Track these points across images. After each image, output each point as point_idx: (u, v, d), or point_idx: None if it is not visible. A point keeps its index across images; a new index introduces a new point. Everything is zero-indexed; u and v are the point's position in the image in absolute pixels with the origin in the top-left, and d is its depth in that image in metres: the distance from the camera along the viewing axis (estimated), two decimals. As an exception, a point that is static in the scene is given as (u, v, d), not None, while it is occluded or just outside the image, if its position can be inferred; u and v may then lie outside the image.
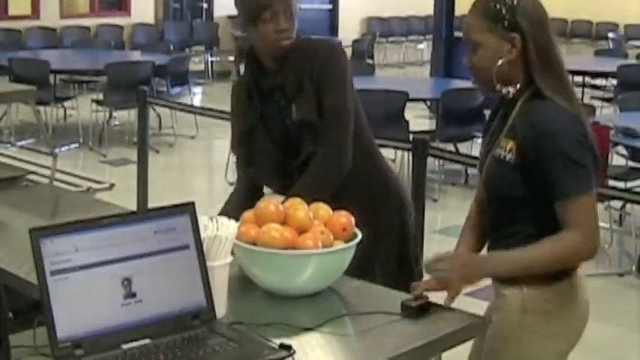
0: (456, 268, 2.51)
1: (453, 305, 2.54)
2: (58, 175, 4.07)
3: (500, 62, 2.48)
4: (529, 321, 2.55)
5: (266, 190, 3.36)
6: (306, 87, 3.10)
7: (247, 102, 3.25)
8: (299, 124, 3.11)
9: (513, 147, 2.48)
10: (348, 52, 13.96)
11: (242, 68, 3.29)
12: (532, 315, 2.55)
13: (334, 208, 2.66)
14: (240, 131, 3.29)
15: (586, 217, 2.45)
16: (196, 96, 13.32)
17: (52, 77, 9.97)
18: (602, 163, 2.52)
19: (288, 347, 2.16)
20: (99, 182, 3.94)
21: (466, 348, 2.61)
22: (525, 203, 2.52)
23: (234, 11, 3.29)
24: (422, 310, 2.44)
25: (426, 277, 2.69)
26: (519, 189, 2.50)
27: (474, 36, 2.52)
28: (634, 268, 6.32)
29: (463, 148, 8.57)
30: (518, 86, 2.52)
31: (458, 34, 13.41)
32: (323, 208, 2.68)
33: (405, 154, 8.01)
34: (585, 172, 2.44)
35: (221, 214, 2.57)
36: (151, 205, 5.95)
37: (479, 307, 2.71)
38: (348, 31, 17.06)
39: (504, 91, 2.52)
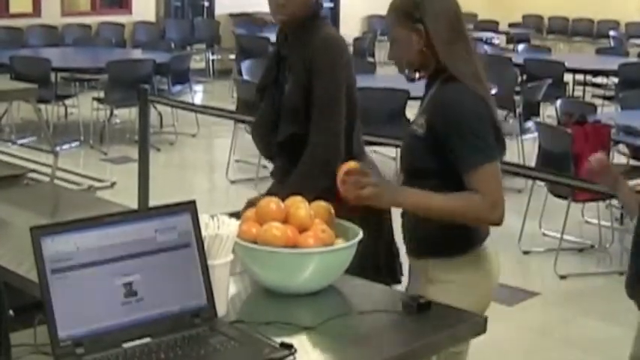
0: (371, 185, 2.62)
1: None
2: (59, 174, 4.07)
3: (411, 52, 2.79)
4: (433, 291, 2.70)
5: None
6: (299, 71, 3.24)
7: (269, 63, 3.51)
8: (286, 102, 3.27)
9: (424, 122, 2.76)
10: (350, 50, 13.96)
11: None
12: (436, 285, 2.75)
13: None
14: (256, 87, 3.51)
15: (489, 185, 2.66)
16: (197, 94, 13.32)
17: (53, 75, 9.97)
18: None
19: (289, 346, 2.16)
20: (100, 180, 3.93)
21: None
22: (434, 174, 2.72)
23: (235, 9, 3.35)
24: (423, 308, 2.44)
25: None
26: (427, 161, 2.75)
27: (390, 31, 2.88)
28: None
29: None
30: (428, 71, 2.82)
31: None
32: (324, 207, 2.68)
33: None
34: (485, 144, 2.69)
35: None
36: (151, 203, 5.95)
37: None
38: (349, 29, 17.05)
39: (414, 76, 2.85)
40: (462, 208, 2.66)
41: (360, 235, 2.60)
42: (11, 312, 2.15)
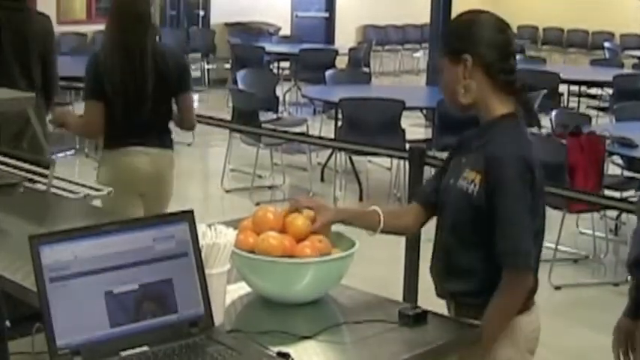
0: None
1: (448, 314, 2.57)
2: (54, 182, 4.06)
3: None
4: None
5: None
6: None
7: None
8: None
9: None
10: (344, 60, 13.98)
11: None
12: None
13: None
14: None
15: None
16: (193, 103, 13.31)
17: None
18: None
19: (286, 355, 2.16)
20: (96, 189, 3.92)
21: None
22: None
23: (230, 19, 3.42)
24: (419, 318, 2.45)
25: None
26: None
27: None
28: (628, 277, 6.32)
29: (459, 156, 8.57)
30: None
31: (454, 42, 13.37)
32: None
33: (402, 162, 8.03)
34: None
35: None
36: (147, 212, 5.94)
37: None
38: (345, 39, 17.09)
39: None
40: None
41: (357, 245, 2.61)
42: (8, 323, 2.15)
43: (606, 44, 17.09)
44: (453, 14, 13.06)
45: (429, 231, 2.90)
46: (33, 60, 5.48)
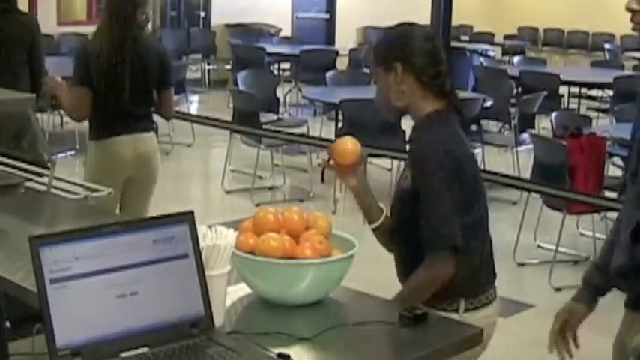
0: None
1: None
2: (55, 183, 4.07)
3: None
4: None
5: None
6: None
7: None
8: None
9: None
10: (345, 61, 13.98)
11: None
12: None
13: None
14: None
15: None
16: (193, 104, 13.34)
17: (49, 84, 9.97)
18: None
19: (286, 357, 2.17)
20: (96, 190, 3.93)
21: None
22: None
23: (231, 20, 3.43)
24: (419, 320, 2.45)
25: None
26: None
27: None
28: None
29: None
30: None
31: (455, 44, 13.42)
32: (322, 219, 2.69)
33: (402, 163, 8.03)
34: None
35: None
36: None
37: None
38: (345, 40, 17.07)
39: None
40: None
41: (357, 246, 2.61)
42: (8, 323, 2.15)
43: (606, 45, 17.09)
44: (454, 15, 13.07)
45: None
46: (20, 60, 5.94)
